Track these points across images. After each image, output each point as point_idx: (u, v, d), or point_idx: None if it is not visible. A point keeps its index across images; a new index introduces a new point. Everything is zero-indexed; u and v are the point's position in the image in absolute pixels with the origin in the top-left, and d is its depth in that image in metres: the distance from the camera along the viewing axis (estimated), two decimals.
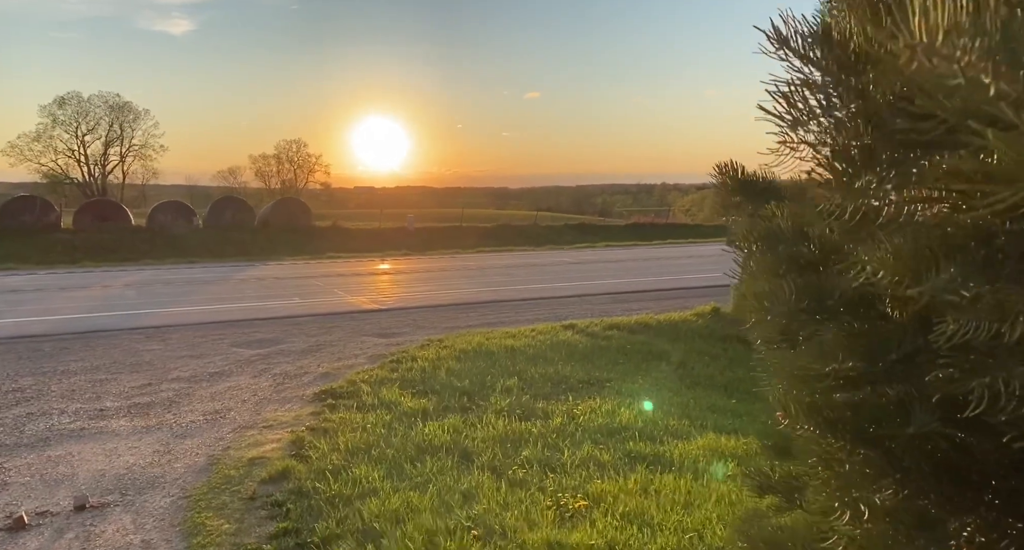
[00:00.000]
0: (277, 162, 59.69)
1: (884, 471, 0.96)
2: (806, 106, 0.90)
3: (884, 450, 0.97)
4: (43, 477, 4.30)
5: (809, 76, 0.90)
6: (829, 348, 1.02)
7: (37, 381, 6.51)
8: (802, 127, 0.90)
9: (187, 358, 7.46)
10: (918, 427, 0.90)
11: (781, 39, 0.91)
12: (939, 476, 0.93)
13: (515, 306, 11.17)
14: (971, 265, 0.73)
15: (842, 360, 1.00)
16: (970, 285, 0.71)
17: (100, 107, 48.36)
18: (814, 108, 0.89)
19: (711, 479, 3.97)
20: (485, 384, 6.04)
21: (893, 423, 0.95)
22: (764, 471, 1.53)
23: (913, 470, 0.94)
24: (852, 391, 1.02)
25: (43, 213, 23.17)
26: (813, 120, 0.90)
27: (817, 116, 0.90)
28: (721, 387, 6.42)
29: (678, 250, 22.26)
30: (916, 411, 0.90)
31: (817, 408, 1.06)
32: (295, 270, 16.63)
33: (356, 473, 4.09)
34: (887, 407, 0.97)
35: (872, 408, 0.99)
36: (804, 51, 0.90)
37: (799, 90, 0.90)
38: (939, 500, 0.92)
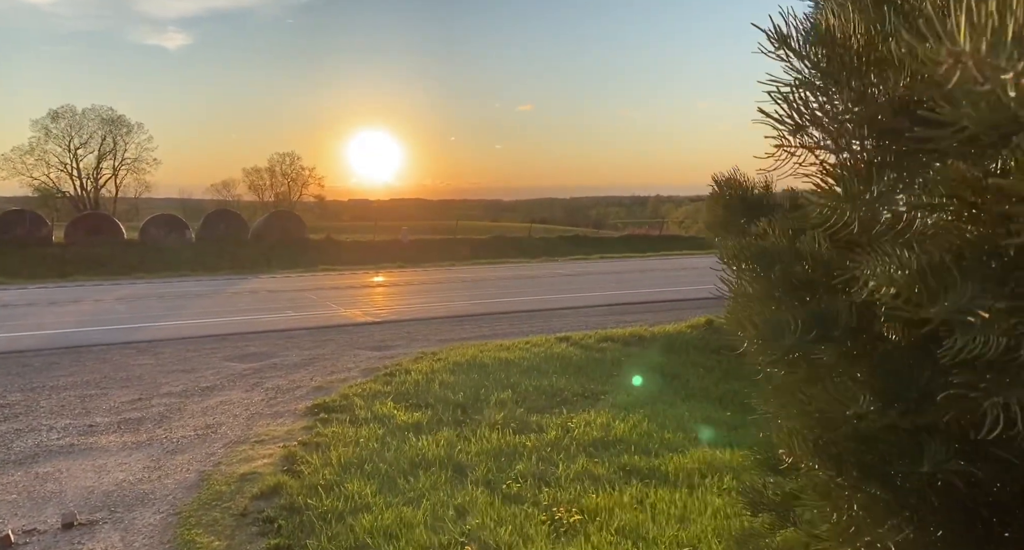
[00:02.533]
0: (270, 175, 59.66)
1: (893, 510, 0.91)
2: (807, 109, 0.86)
3: (893, 487, 0.92)
4: (30, 494, 4.23)
5: (810, 78, 0.87)
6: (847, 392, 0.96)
7: (26, 397, 6.43)
8: (802, 131, 0.87)
9: (179, 372, 7.40)
10: (933, 464, 0.85)
11: (781, 38, 0.88)
12: (950, 512, 0.89)
13: (509, 318, 11.15)
14: (987, 281, 0.69)
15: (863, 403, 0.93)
16: (986, 303, 0.67)
17: (93, 121, 48.36)
18: (815, 111, 0.86)
19: (706, 492, 3.95)
20: (479, 397, 6.01)
21: (905, 460, 0.91)
22: (757, 488, 1.51)
23: (923, 507, 0.89)
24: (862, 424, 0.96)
25: (34, 227, 23.04)
26: (814, 124, 0.86)
27: (819, 120, 0.86)
28: (716, 399, 6.40)
29: (672, 262, 22.30)
30: (930, 447, 0.86)
31: (822, 445, 1.02)
32: (288, 283, 16.56)
33: (349, 488, 4.04)
34: (898, 443, 0.93)
35: (882, 443, 0.95)
36: (805, 51, 0.86)
37: (799, 92, 0.86)
38: (950, 537, 0.88)
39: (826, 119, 0.85)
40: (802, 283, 1.10)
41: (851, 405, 0.94)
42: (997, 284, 0.69)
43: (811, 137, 0.87)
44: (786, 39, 0.87)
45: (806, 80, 0.86)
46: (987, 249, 0.70)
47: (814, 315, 1.02)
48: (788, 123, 0.87)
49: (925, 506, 0.89)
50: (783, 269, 1.12)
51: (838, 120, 0.84)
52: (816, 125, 0.86)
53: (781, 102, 0.86)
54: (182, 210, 39.74)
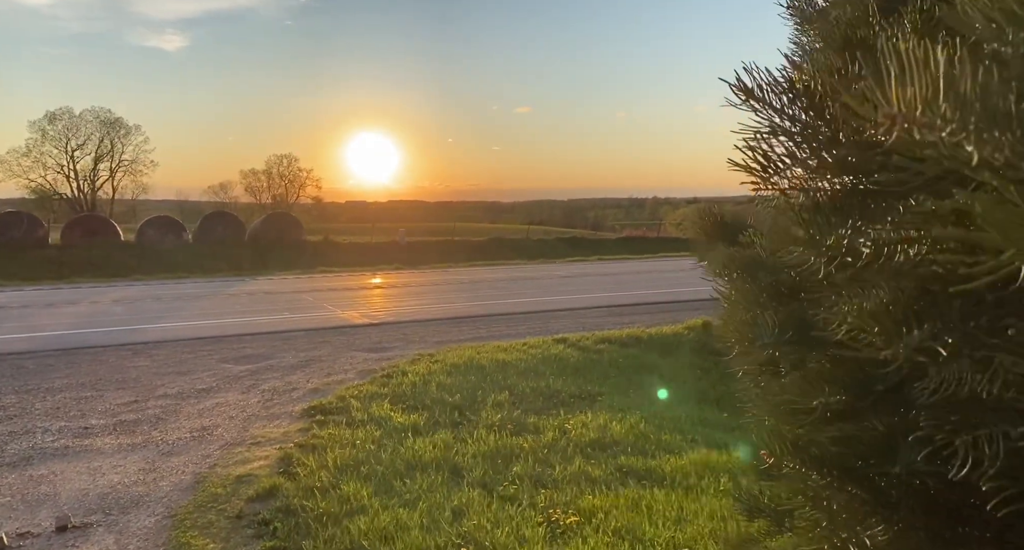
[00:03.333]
0: (268, 177, 59.69)
1: (873, 509, 0.93)
2: (776, 155, 0.89)
3: (872, 487, 0.94)
4: (24, 497, 4.21)
5: (778, 125, 0.91)
6: (814, 381, 1.00)
7: (20, 399, 6.41)
8: (771, 177, 0.90)
9: (174, 374, 7.38)
10: (903, 465, 0.88)
11: (747, 91, 0.91)
12: (930, 513, 0.90)
13: (507, 320, 11.14)
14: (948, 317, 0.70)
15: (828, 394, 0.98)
16: (946, 340, 0.68)
17: (91, 122, 48.36)
18: (782, 156, 0.89)
19: (703, 494, 3.94)
20: (476, 399, 6.00)
21: (880, 459, 0.93)
22: (753, 493, 1.50)
23: (902, 507, 0.91)
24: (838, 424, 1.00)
25: (31, 229, 22.98)
26: (785, 169, 0.90)
27: (788, 166, 0.90)
28: (712, 401, 6.40)
29: (669, 263, 22.32)
30: (902, 448, 0.88)
31: (802, 445, 1.04)
32: (286, 285, 16.54)
33: (345, 490, 4.03)
34: (874, 442, 0.95)
35: (859, 444, 0.97)
36: (770, 101, 0.90)
37: (766, 140, 0.90)
38: (930, 537, 0.90)
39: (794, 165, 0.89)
40: (789, 290, 1.13)
41: (818, 395, 0.97)
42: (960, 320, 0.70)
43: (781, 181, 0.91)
44: (751, 91, 0.91)
45: (773, 128, 0.90)
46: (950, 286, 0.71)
47: (792, 317, 1.05)
48: (756, 170, 0.90)
49: (904, 506, 0.90)
50: (768, 277, 1.15)
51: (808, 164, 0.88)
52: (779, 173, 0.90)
53: (748, 152, 0.90)
54: (179, 212, 39.73)
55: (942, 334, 0.69)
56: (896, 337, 0.72)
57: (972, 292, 0.67)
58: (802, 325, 1.05)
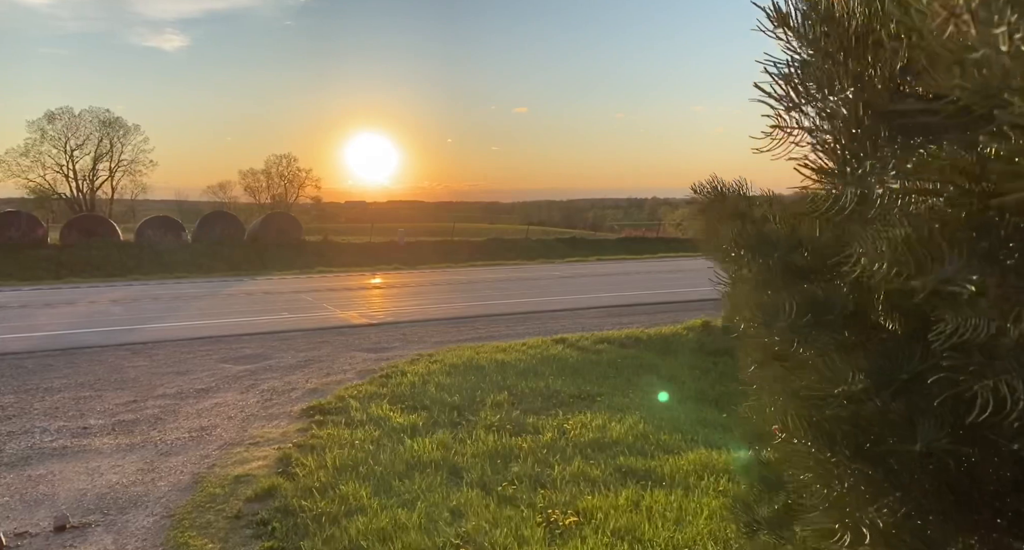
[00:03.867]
0: (267, 177, 59.55)
1: (884, 489, 0.92)
2: (804, 88, 0.87)
3: (885, 467, 0.93)
4: (23, 497, 4.20)
5: (809, 56, 0.88)
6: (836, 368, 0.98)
7: (19, 399, 6.40)
8: (798, 110, 0.88)
9: (173, 374, 7.37)
10: (925, 442, 0.86)
11: (781, 17, 0.88)
12: (941, 495, 0.89)
13: (506, 320, 11.14)
14: (975, 256, 0.69)
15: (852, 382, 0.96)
16: (973, 277, 0.67)
17: (90, 122, 48.23)
18: (811, 90, 0.86)
19: (702, 494, 3.94)
20: (475, 399, 5.99)
21: (897, 439, 0.92)
22: (748, 503, 1.48)
23: (914, 488, 0.90)
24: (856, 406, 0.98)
25: (29, 229, 22.95)
26: (810, 103, 0.87)
27: (815, 99, 0.87)
28: (712, 401, 6.39)
29: (669, 264, 22.32)
30: (923, 426, 0.86)
31: (816, 423, 1.02)
32: (285, 285, 16.53)
33: (343, 490, 4.02)
34: (891, 423, 0.94)
35: (875, 424, 0.96)
36: (804, 30, 0.87)
37: (796, 71, 0.87)
38: (940, 520, 0.89)
39: (822, 96, 0.86)
40: (801, 271, 1.10)
41: (840, 383, 0.95)
42: (986, 261, 0.69)
43: (807, 115, 0.88)
44: (785, 18, 0.88)
45: (804, 59, 0.87)
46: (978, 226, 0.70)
47: (809, 299, 1.02)
48: (785, 101, 0.87)
49: (916, 487, 0.90)
50: (782, 256, 1.12)
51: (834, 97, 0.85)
52: (811, 102, 0.87)
53: (779, 80, 0.88)
54: (178, 212, 39.70)
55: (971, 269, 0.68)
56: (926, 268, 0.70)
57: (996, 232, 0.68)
58: (817, 307, 1.03)
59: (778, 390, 1.09)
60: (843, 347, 0.99)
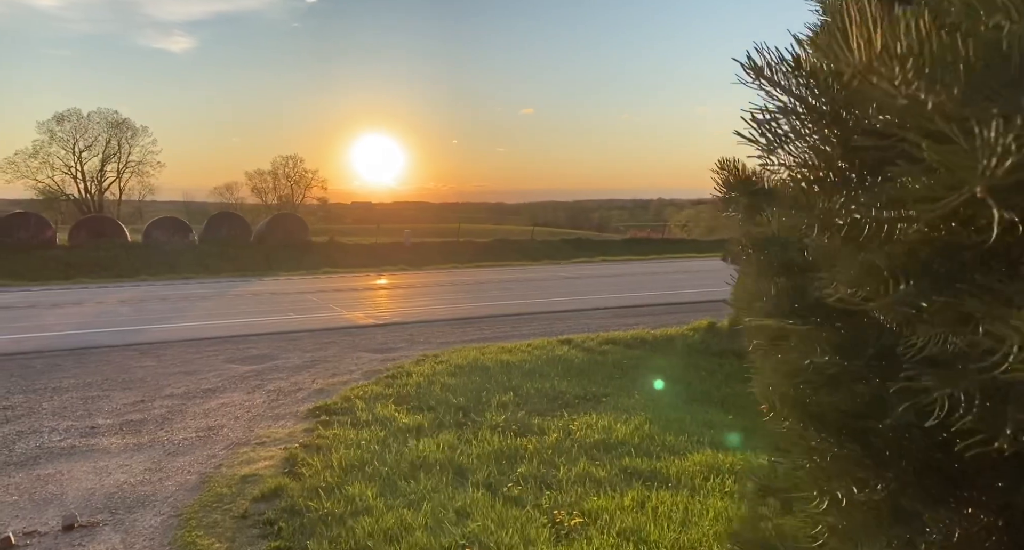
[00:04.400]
0: (273, 178, 59.78)
1: (863, 464, 1.00)
2: (782, 131, 0.97)
3: (865, 443, 1.01)
4: (32, 496, 4.23)
5: (787, 104, 0.97)
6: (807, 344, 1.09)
7: (28, 398, 6.44)
8: (777, 152, 0.98)
9: (180, 374, 7.41)
10: (895, 419, 0.95)
11: (756, 69, 0.97)
12: (922, 472, 0.96)
13: (511, 321, 11.14)
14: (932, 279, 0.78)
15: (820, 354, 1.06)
16: (931, 298, 0.75)
17: (99, 124, 48.52)
18: (788, 133, 0.96)
19: (708, 495, 3.93)
20: (480, 400, 6.00)
21: (872, 416, 1.00)
22: (764, 472, 1.51)
23: (894, 465, 0.97)
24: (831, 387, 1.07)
25: (38, 230, 23.11)
26: (788, 144, 0.97)
27: (792, 140, 0.97)
28: (717, 402, 6.38)
29: (674, 265, 22.29)
30: (894, 404, 0.95)
31: (800, 402, 1.12)
32: (291, 285, 16.58)
33: (349, 491, 4.04)
34: (866, 400, 1.02)
35: (852, 402, 1.04)
36: (777, 80, 0.97)
37: (774, 117, 0.97)
38: (923, 496, 0.95)
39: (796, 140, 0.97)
40: (798, 267, 1.23)
41: (811, 356, 1.07)
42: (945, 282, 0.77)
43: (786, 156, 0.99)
44: (761, 70, 0.97)
45: (782, 106, 0.97)
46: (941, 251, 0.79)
47: (793, 287, 1.16)
48: (763, 145, 0.98)
49: (896, 464, 0.97)
50: (779, 253, 1.26)
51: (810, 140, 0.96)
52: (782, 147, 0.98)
53: (755, 126, 0.98)
54: (185, 213, 39.85)
55: (928, 291, 0.77)
56: (886, 291, 0.80)
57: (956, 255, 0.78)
58: (802, 294, 1.15)
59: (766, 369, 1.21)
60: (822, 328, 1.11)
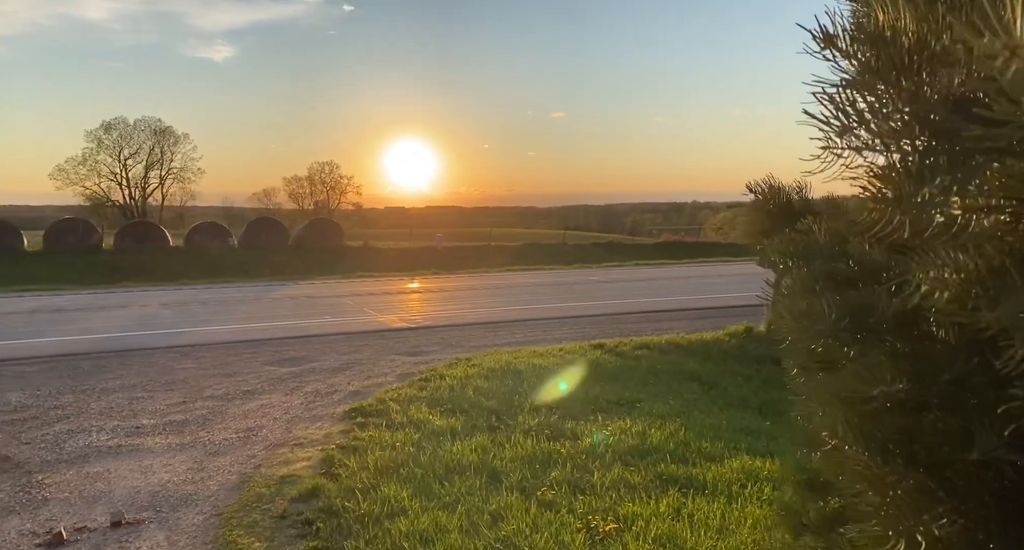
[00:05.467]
0: (310, 183, 60.88)
1: (939, 499, 0.89)
2: (854, 110, 0.84)
3: (939, 476, 0.90)
4: (81, 493, 4.38)
5: (859, 77, 0.85)
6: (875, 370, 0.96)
7: (77, 398, 6.67)
8: (848, 132, 0.85)
9: (220, 376, 7.58)
10: (982, 451, 0.83)
11: (827, 38, 0.86)
12: (1001, 506, 0.86)
13: (543, 325, 11.13)
14: None
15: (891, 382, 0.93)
16: None
17: (143, 132, 50.14)
18: (863, 112, 0.83)
19: (746, 503, 3.87)
20: (513, 403, 6.01)
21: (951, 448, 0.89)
22: (795, 508, 1.46)
23: (972, 499, 0.87)
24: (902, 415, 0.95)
25: (86, 235, 23.96)
26: (862, 125, 0.84)
27: (867, 121, 0.84)
28: (755, 408, 6.28)
29: (709, 269, 22.00)
30: (979, 435, 0.84)
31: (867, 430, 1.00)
32: (327, 289, 16.84)
33: (385, 492, 4.08)
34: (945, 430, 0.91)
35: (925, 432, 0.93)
36: (852, 50, 0.84)
37: (846, 92, 0.84)
38: (1003, 532, 0.86)
39: (875, 119, 0.83)
40: (845, 279, 1.09)
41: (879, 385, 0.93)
42: None
43: (859, 138, 0.85)
44: (832, 39, 0.85)
45: (854, 80, 0.84)
46: None
47: (851, 305, 1.01)
48: (834, 124, 0.85)
49: (974, 498, 0.87)
50: (824, 265, 1.11)
51: (888, 120, 0.82)
52: (864, 126, 0.84)
53: (827, 103, 0.85)
54: (225, 218, 40.83)
55: None
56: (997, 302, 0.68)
57: None
58: (859, 312, 1.02)
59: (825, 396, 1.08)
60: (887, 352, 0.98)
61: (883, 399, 0.96)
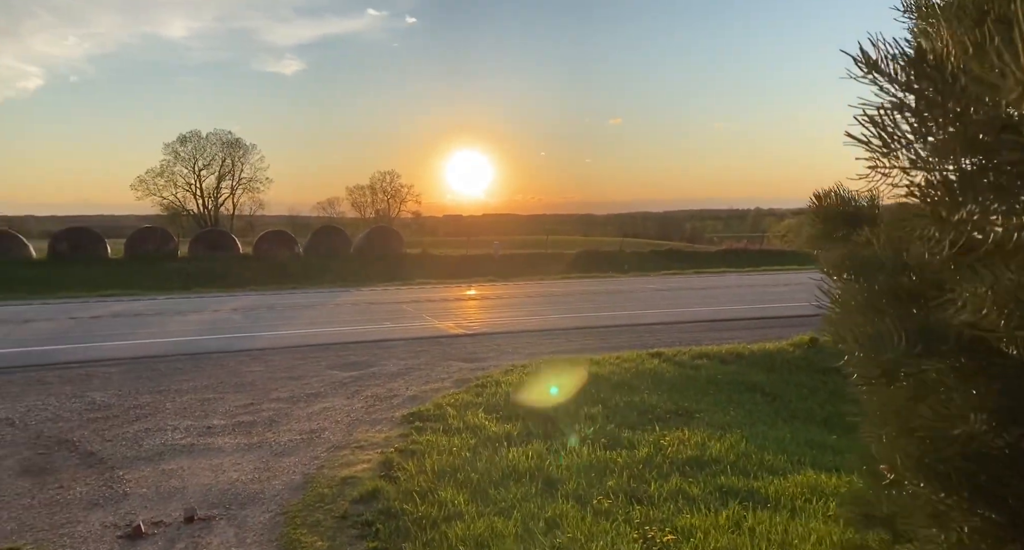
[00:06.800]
0: (372, 192, 62.59)
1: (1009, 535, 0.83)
2: (897, 131, 0.84)
3: (1008, 510, 0.84)
4: (157, 489, 4.62)
5: (903, 99, 0.85)
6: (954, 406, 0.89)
7: (154, 399, 7.04)
8: (893, 153, 0.85)
9: (286, 379, 7.86)
10: None
11: (870, 63, 0.87)
12: None
13: (599, 333, 11.06)
14: None
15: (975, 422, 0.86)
16: None
17: (215, 144, 52.71)
18: (906, 133, 0.84)
19: (810, 518, 3.74)
20: (568, 411, 5.99)
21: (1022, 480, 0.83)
22: (868, 499, 1.40)
23: None
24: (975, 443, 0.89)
25: (163, 243, 25.30)
26: (905, 146, 0.85)
27: (910, 142, 0.85)
28: (820, 422, 6.07)
29: (773, 277, 21.36)
30: None
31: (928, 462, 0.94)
32: (387, 295, 17.21)
33: (442, 496, 4.14)
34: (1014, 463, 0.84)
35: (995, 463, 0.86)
36: (895, 75, 0.85)
37: (889, 114, 0.85)
38: None
39: (918, 141, 0.83)
40: (908, 294, 1.04)
41: (960, 424, 0.87)
42: None
43: (903, 158, 0.86)
44: (875, 63, 0.86)
45: (898, 103, 0.84)
46: None
47: (921, 327, 0.96)
48: (877, 145, 0.85)
49: None
50: (887, 279, 1.06)
51: (932, 141, 0.82)
52: (907, 146, 0.84)
53: (869, 125, 0.86)
54: (291, 226, 42.36)
55: None
56: None
57: None
58: (927, 334, 0.96)
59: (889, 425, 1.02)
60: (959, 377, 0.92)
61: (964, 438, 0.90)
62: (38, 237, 28.24)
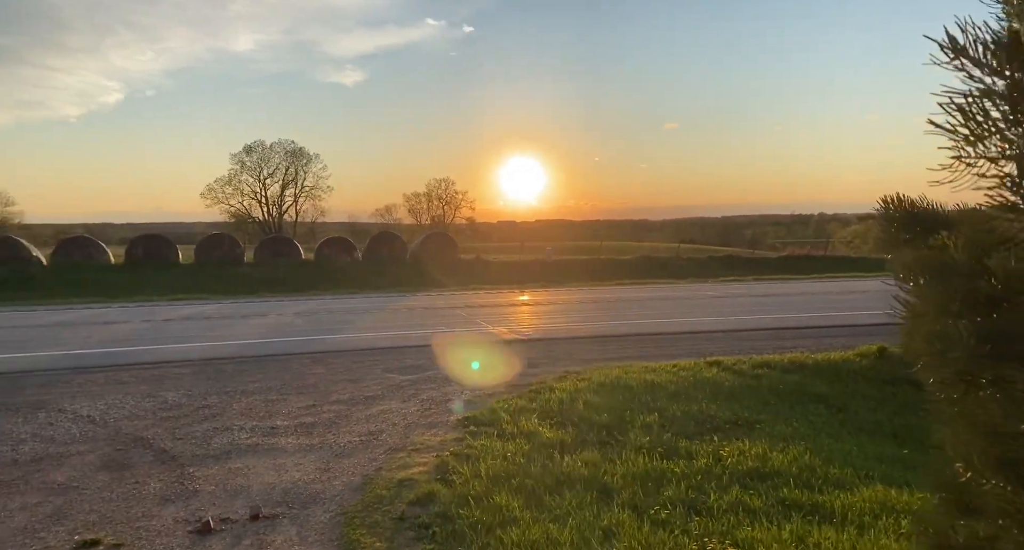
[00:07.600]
0: (428, 199, 63.66)
1: None
2: (986, 119, 0.81)
3: None
4: (225, 487, 4.81)
5: (992, 86, 0.82)
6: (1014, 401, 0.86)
7: (221, 399, 7.33)
8: (981, 142, 0.82)
9: (346, 382, 8.05)
10: None
11: (957, 49, 0.83)
12: None
13: (655, 340, 10.90)
14: None
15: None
16: None
17: (279, 153, 54.69)
18: (996, 121, 0.81)
19: (879, 535, 3.58)
20: (624, 419, 5.92)
21: None
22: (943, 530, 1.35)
23: None
24: None
25: (230, 249, 26.35)
26: (995, 134, 0.81)
27: (1000, 130, 0.81)
28: (890, 435, 5.80)
29: (838, 285, 20.60)
30: None
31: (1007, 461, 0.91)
32: (442, 301, 17.44)
33: (497, 501, 4.16)
34: None
35: None
36: (985, 60, 0.82)
37: (978, 102, 0.82)
38: None
39: (1010, 129, 0.79)
40: (987, 299, 1.00)
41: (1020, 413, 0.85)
42: None
43: (992, 147, 0.82)
44: (963, 49, 0.82)
45: (987, 89, 0.80)
46: None
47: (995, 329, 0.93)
48: (963, 133, 0.82)
49: None
50: (963, 283, 1.03)
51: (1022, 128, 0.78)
52: (998, 134, 0.80)
53: (956, 113, 0.82)
54: (350, 233, 43.47)
55: None
56: None
57: None
58: (1002, 337, 0.94)
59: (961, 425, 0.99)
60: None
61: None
62: (116, 244, 29.85)
